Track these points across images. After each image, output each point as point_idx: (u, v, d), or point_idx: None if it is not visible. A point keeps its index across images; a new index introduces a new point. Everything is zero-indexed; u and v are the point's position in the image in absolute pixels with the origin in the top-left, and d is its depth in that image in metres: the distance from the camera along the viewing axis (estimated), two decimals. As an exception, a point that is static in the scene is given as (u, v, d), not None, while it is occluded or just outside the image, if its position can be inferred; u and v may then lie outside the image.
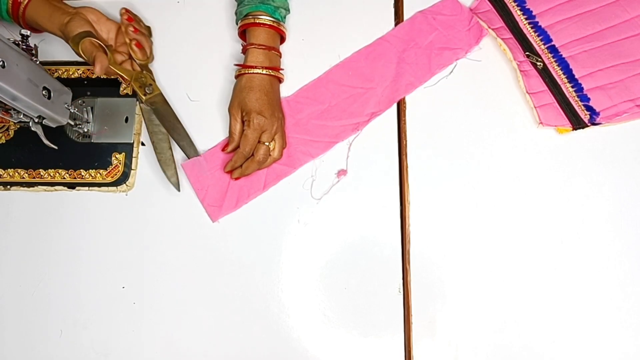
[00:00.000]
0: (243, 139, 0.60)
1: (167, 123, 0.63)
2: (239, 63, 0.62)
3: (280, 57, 0.63)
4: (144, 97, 0.62)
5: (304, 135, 0.64)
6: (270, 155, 0.61)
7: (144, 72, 0.63)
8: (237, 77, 0.62)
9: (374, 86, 0.65)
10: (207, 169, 0.63)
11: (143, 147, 0.65)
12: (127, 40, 0.61)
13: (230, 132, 0.62)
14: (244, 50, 0.62)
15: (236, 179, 0.62)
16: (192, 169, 0.63)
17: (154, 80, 0.64)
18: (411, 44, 0.66)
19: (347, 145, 0.64)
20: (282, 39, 0.64)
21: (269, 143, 0.60)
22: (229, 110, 0.61)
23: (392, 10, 0.69)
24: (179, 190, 0.62)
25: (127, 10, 0.63)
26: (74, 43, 0.57)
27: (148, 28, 0.66)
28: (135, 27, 0.61)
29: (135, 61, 0.62)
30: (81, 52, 0.58)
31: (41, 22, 0.60)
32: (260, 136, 0.60)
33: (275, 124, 0.60)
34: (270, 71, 0.60)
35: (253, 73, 0.60)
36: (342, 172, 0.63)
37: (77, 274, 0.62)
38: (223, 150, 0.63)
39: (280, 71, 0.63)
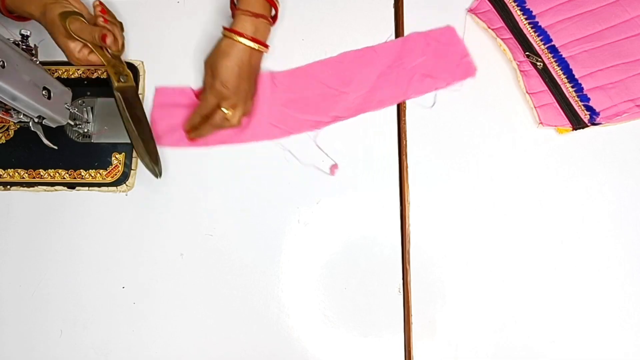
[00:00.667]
0: (202, 100, 0.61)
1: (134, 117, 0.61)
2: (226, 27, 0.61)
3: (271, 25, 0.62)
4: (116, 84, 0.61)
5: (266, 116, 0.64)
6: (227, 120, 0.61)
7: (120, 62, 0.62)
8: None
9: (347, 91, 0.65)
10: (173, 103, 0.64)
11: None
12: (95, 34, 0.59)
13: (203, 83, 0.64)
14: (233, 15, 0.61)
15: (191, 139, 0.63)
16: (162, 97, 0.64)
17: (129, 74, 0.63)
18: (397, 62, 0.66)
19: (314, 139, 0.64)
20: (275, 17, 0.63)
21: (228, 111, 0.60)
22: (204, 63, 0.63)
23: (392, 10, 0.69)
24: (157, 177, 0.62)
25: (100, 3, 0.61)
26: (62, 19, 0.56)
27: (120, 24, 0.64)
28: (105, 17, 0.60)
29: (107, 52, 0.61)
30: (72, 31, 0.57)
31: (20, 3, 0.58)
32: (220, 102, 0.60)
33: (238, 97, 0.60)
34: (253, 44, 0.59)
35: (235, 40, 0.59)
36: (334, 167, 0.63)
37: (77, 274, 0.62)
38: (197, 96, 0.64)
39: (267, 44, 0.62)
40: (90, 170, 0.64)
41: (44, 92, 0.56)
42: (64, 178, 0.64)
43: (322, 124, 0.64)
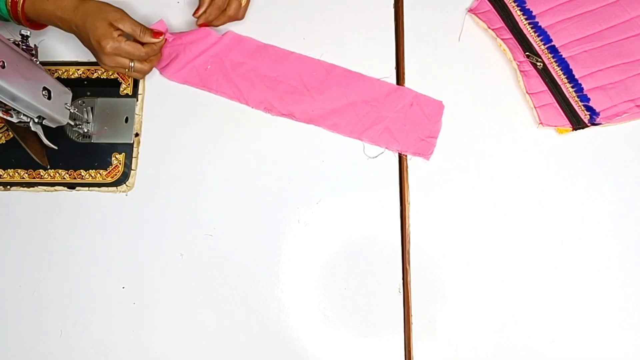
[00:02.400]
0: None
1: None
2: None
3: None
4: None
5: (234, 75, 0.65)
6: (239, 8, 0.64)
7: None
8: None
9: (315, 98, 0.65)
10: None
11: (141, 144, 0.65)
12: None
13: None
14: None
15: (200, 25, 0.64)
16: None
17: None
18: (375, 103, 0.64)
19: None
20: None
21: None
22: None
23: (392, 10, 0.69)
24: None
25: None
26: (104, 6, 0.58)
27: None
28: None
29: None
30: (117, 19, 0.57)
31: (45, 6, 0.57)
32: None
33: None
34: None
35: None
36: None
37: (77, 274, 0.62)
38: (194, 14, 0.63)
39: None
40: (90, 171, 0.64)
41: (44, 92, 0.56)
42: (64, 178, 0.64)
43: (274, 111, 0.65)
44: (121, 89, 0.67)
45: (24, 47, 0.55)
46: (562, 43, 0.65)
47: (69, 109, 0.61)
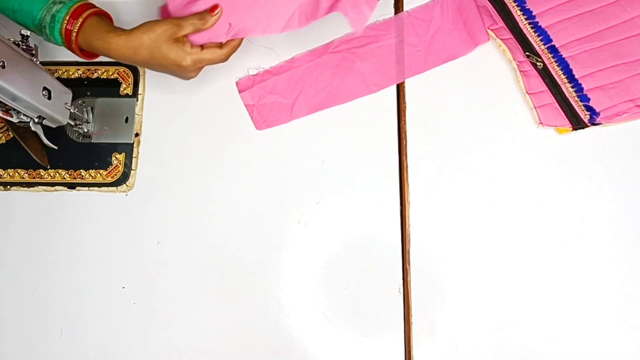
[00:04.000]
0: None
1: None
2: None
3: None
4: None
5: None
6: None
7: None
8: None
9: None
10: None
11: (141, 144, 0.65)
12: None
13: None
14: None
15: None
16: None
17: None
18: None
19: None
20: None
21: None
22: None
23: (392, 10, 0.69)
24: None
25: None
26: (162, 23, 0.53)
27: None
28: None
29: None
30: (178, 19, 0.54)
31: (95, 45, 0.55)
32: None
33: None
34: None
35: None
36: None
37: (77, 274, 0.62)
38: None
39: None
40: (90, 170, 0.64)
41: (44, 92, 0.56)
42: (64, 178, 0.64)
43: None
44: (121, 89, 0.67)
45: (24, 47, 0.55)
46: (562, 43, 0.64)
47: (69, 109, 0.61)
